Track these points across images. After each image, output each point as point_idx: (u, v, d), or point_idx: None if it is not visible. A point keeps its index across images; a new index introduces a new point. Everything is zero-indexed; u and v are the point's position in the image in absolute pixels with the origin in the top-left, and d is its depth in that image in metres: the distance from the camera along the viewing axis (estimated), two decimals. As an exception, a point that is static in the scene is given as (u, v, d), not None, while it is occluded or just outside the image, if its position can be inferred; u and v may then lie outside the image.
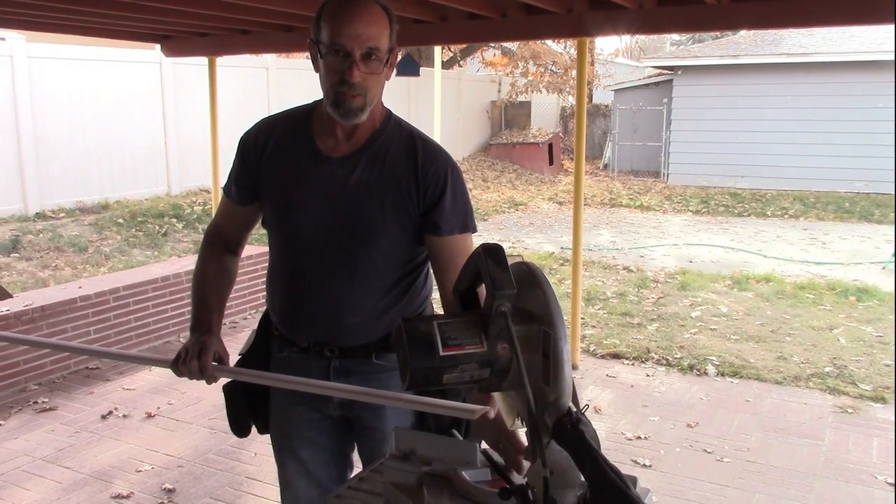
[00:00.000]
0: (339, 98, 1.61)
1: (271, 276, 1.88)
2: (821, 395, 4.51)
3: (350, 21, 1.57)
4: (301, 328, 1.81)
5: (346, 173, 1.70)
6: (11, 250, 7.42)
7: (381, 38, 1.60)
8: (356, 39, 1.57)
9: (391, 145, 1.72)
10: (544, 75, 19.07)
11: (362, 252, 1.72)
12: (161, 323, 5.33)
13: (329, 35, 1.58)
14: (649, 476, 3.46)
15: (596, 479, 0.93)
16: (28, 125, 8.49)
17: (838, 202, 12.54)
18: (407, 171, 1.70)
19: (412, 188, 1.70)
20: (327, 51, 1.59)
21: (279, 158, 1.76)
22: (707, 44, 18.54)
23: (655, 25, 4.59)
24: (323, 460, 1.91)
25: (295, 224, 1.75)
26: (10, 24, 5.02)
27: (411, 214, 1.71)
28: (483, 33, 4.92)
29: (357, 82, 1.58)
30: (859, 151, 13.21)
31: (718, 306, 6.40)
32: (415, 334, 1.12)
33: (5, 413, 4.16)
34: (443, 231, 1.71)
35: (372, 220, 1.70)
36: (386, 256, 1.73)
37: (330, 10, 1.61)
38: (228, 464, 3.61)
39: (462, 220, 1.74)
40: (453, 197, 1.71)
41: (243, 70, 10.93)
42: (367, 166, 1.70)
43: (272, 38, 5.35)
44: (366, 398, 1.62)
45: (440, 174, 1.71)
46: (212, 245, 1.92)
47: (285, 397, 1.86)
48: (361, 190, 1.70)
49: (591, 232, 10.15)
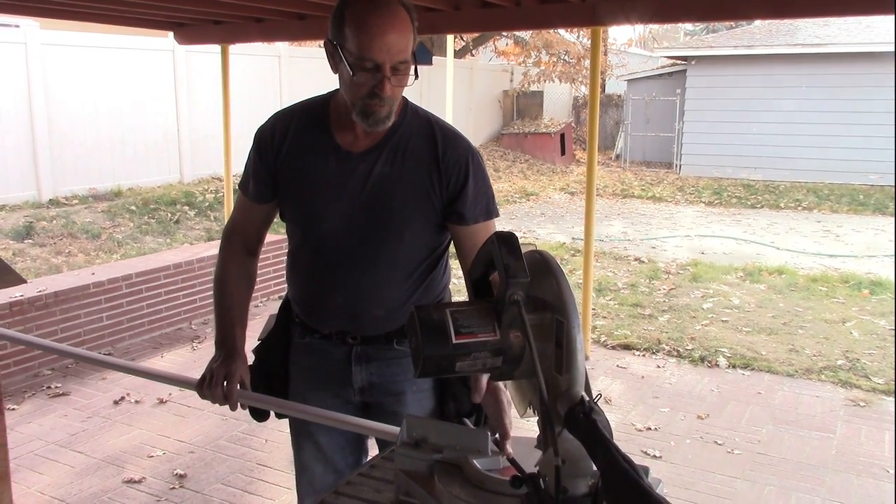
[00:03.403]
0: (367, 109, 1.59)
1: (293, 267, 1.87)
2: (833, 388, 4.48)
3: (381, 33, 1.52)
4: (324, 318, 1.81)
5: (368, 168, 1.70)
6: (25, 236, 7.47)
7: (409, 47, 1.58)
8: (387, 53, 1.53)
9: (411, 136, 1.71)
10: (557, 65, 18.97)
11: (385, 245, 1.72)
12: (173, 310, 5.35)
13: (358, 47, 1.53)
14: (659, 467, 3.46)
15: (608, 469, 0.93)
16: (42, 112, 8.52)
17: (852, 194, 12.45)
18: (428, 160, 1.70)
19: (434, 178, 1.70)
20: (355, 62, 1.54)
21: (298, 154, 1.75)
22: (721, 34, 18.39)
23: (669, 14, 4.56)
24: (340, 445, 1.91)
25: (317, 220, 1.75)
26: (25, 10, 5.02)
27: (434, 204, 1.71)
28: (496, 22, 4.90)
29: (388, 95, 1.57)
30: (874, 143, 13.08)
31: (730, 298, 6.37)
32: (427, 322, 1.11)
33: (19, 398, 4.19)
34: (468, 220, 1.72)
35: (395, 213, 1.70)
36: (409, 247, 1.73)
37: (357, 17, 1.54)
38: (239, 450, 3.63)
39: (485, 207, 1.74)
40: (475, 185, 1.71)
41: (255, 58, 10.92)
42: (389, 159, 1.70)
43: (286, 27, 5.34)
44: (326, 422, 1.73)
45: (461, 163, 1.71)
46: (231, 247, 1.91)
47: (306, 382, 1.87)
48: (384, 183, 1.69)
49: (603, 223, 10.12)
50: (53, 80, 8.67)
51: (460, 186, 1.70)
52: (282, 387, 1.91)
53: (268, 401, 1.81)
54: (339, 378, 1.83)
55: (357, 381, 1.82)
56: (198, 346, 5.05)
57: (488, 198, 1.75)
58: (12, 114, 8.27)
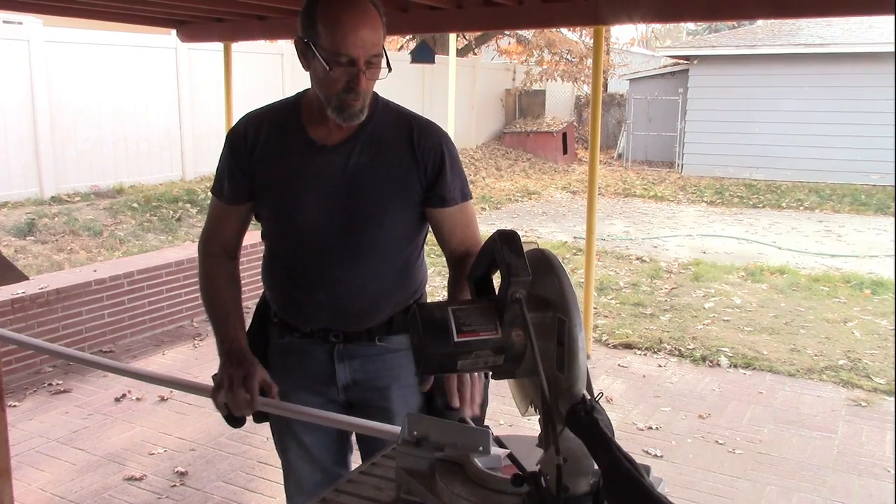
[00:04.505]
0: (342, 104, 1.62)
1: (270, 266, 1.86)
2: (834, 387, 4.48)
3: (353, 28, 1.55)
4: (305, 316, 1.80)
5: (344, 159, 1.71)
6: (27, 233, 7.48)
7: (380, 41, 1.61)
8: (361, 48, 1.56)
9: (384, 126, 1.74)
10: (559, 64, 18.97)
11: (365, 234, 1.73)
12: (175, 307, 5.36)
13: (331, 43, 1.56)
14: (660, 466, 3.46)
15: (610, 468, 0.93)
16: (44, 109, 8.52)
17: (854, 194, 12.43)
18: (403, 148, 1.73)
19: (411, 165, 1.72)
20: (330, 57, 1.57)
21: (272, 152, 1.76)
22: (723, 33, 18.36)
23: (672, 14, 4.55)
24: (325, 444, 1.91)
25: (295, 215, 1.74)
26: (28, 7, 5.03)
27: (412, 191, 1.74)
28: (498, 21, 4.89)
29: (363, 89, 1.60)
30: (876, 143, 13.05)
31: (732, 298, 6.37)
32: (429, 320, 1.11)
33: (20, 395, 4.20)
34: (447, 202, 1.75)
35: (374, 202, 1.72)
36: (388, 238, 1.74)
37: (329, 14, 1.57)
38: (240, 448, 3.63)
39: (461, 189, 1.79)
40: (452, 168, 1.75)
41: (258, 56, 10.91)
42: (364, 149, 1.72)
43: (289, 24, 5.33)
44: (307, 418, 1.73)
45: (436, 147, 1.74)
46: (211, 256, 1.89)
47: (287, 382, 1.84)
48: (361, 173, 1.71)
49: (605, 222, 10.12)
50: (56, 77, 8.67)
51: (438, 170, 1.73)
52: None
53: (290, 409, 1.73)
54: (321, 377, 1.83)
55: (341, 378, 1.82)
56: (199, 344, 5.06)
57: (463, 180, 1.80)
58: (15, 111, 8.28)
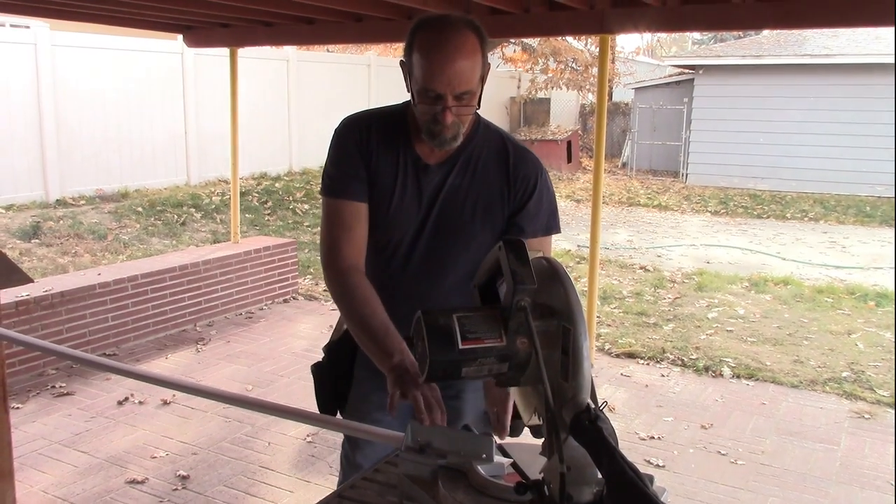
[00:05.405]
0: (432, 132, 1.63)
1: None
2: (837, 399, 4.47)
3: (443, 66, 1.54)
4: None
5: (441, 179, 1.74)
6: (32, 236, 7.50)
7: (474, 75, 1.58)
8: (448, 85, 1.55)
9: (483, 149, 1.76)
10: (564, 72, 18.98)
11: (451, 255, 1.76)
12: (178, 311, 5.36)
13: (421, 75, 1.56)
14: (662, 476, 3.45)
15: (613, 476, 0.93)
16: (50, 113, 8.56)
17: (859, 206, 12.42)
18: (498, 173, 1.75)
19: (504, 190, 1.75)
20: (419, 91, 1.57)
21: (382, 160, 1.76)
22: (729, 43, 18.38)
23: (678, 23, 4.54)
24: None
25: (391, 228, 1.77)
26: (35, 12, 5.05)
27: (500, 216, 1.76)
28: (504, 28, 4.90)
29: (450, 123, 1.59)
30: (881, 155, 13.02)
31: (735, 308, 6.36)
32: (434, 327, 1.12)
33: (23, 397, 4.20)
34: (526, 233, 1.75)
35: (463, 224, 1.74)
36: (474, 259, 1.73)
37: (423, 43, 1.56)
38: (242, 452, 3.63)
39: (545, 223, 1.79)
40: (539, 200, 1.76)
41: (264, 62, 10.95)
42: (461, 171, 1.74)
43: (294, 31, 5.35)
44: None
45: (530, 177, 1.76)
46: (350, 270, 1.74)
47: (369, 382, 1.87)
48: (455, 195, 1.74)
49: (609, 230, 10.11)
50: (62, 80, 8.71)
51: (525, 200, 1.75)
52: (345, 386, 1.95)
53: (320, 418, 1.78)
54: None
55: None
56: (202, 349, 5.06)
57: (550, 213, 1.80)
58: (21, 114, 8.31)
